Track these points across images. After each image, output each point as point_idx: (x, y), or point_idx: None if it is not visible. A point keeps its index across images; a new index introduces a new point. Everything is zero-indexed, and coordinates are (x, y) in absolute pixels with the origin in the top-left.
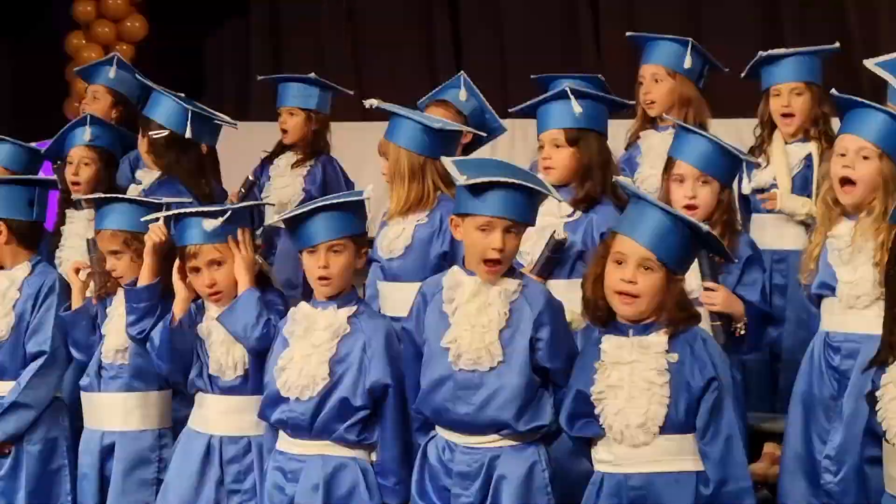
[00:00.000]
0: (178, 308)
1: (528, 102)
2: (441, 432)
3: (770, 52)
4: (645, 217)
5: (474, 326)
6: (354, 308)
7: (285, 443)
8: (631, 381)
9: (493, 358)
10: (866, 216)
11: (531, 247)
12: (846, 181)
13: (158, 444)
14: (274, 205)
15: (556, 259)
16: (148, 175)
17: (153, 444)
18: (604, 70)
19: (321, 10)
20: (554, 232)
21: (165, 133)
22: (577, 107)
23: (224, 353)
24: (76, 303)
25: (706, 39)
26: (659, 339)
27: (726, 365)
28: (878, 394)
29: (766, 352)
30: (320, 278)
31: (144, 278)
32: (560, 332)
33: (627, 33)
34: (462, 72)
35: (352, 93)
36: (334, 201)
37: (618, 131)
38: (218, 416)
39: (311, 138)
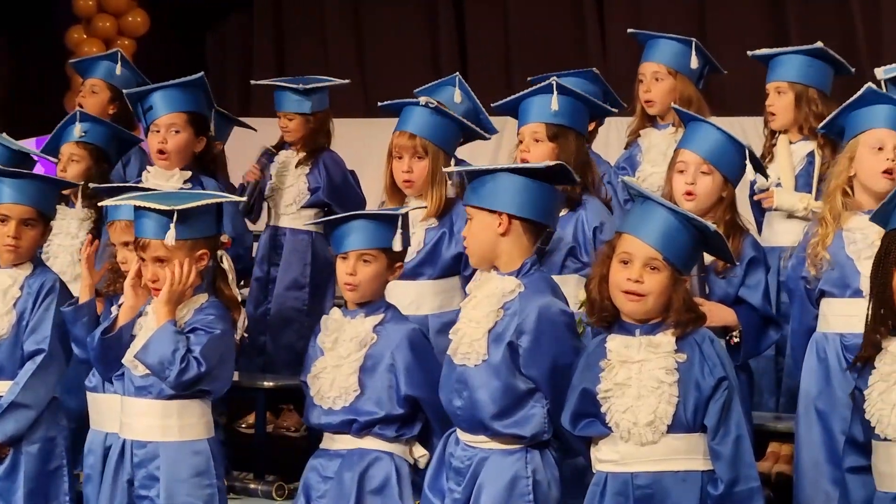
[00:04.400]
0: (124, 315)
1: (512, 97)
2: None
3: (755, 52)
4: (651, 216)
5: (471, 321)
6: (381, 316)
7: (327, 440)
8: (639, 380)
9: (478, 355)
10: None
11: None
12: (890, 172)
13: None
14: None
15: (544, 250)
16: (161, 174)
17: None
18: (609, 67)
19: (325, 4)
20: None
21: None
22: (555, 103)
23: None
24: (84, 296)
25: (711, 37)
26: (667, 338)
27: (733, 365)
28: (865, 392)
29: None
30: (347, 284)
31: None
32: (544, 342)
33: (629, 30)
34: (457, 73)
35: (347, 81)
36: (371, 212)
37: (620, 128)
38: (128, 419)
39: (310, 137)
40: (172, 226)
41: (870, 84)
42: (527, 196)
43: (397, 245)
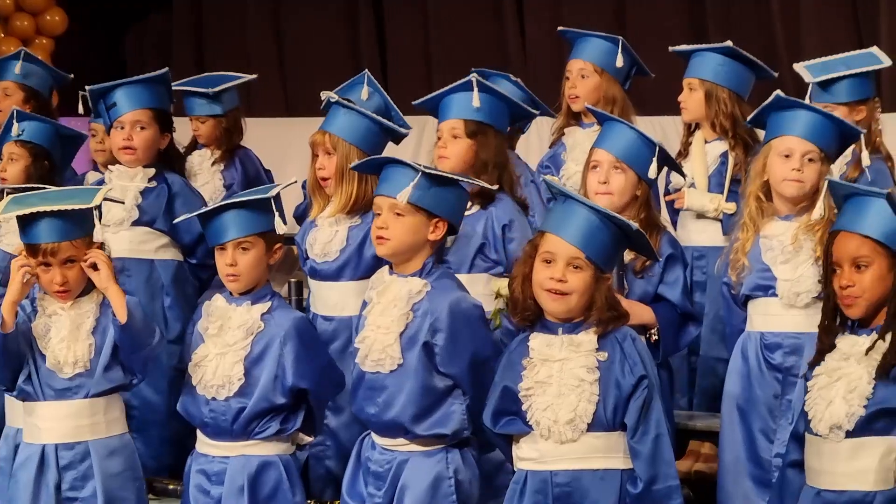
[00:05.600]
0: (10, 312)
1: (432, 94)
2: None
3: (675, 48)
4: (573, 215)
5: (379, 327)
6: (269, 304)
7: (205, 445)
8: (560, 378)
9: (392, 360)
10: (807, 215)
11: None
12: (797, 181)
13: None
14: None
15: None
16: (125, 173)
17: None
18: (529, 66)
19: (245, 5)
20: None
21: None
22: (476, 99)
23: (64, 349)
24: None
25: (631, 38)
26: (589, 337)
27: (654, 364)
28: (809, 384)
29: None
30: (228, 275)
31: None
32: (460, 338)
33: (559, 28)
34: (366, 70)
35: (255, 76)
36: (241, 199)
37: (542, 128)
38: (50, 424)
39: (225, 137)
40: (98, 221)
41: (778, 92)
42: (461, 207)
43: (280, 228)
